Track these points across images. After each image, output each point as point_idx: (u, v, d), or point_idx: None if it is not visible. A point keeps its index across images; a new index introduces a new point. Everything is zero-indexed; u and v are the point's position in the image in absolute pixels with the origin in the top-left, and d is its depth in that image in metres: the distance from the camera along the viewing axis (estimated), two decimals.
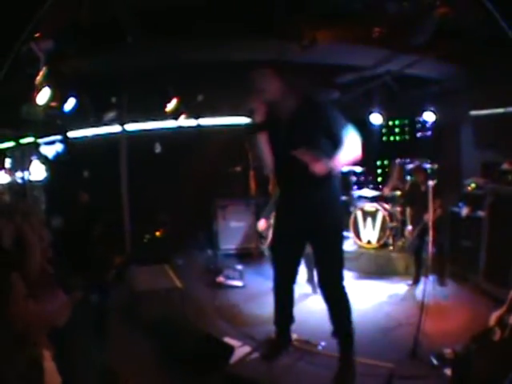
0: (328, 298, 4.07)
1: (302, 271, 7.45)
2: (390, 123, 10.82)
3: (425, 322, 4.95)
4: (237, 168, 8.95)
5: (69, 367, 3.53)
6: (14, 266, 3.66)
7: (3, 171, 9.54)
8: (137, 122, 9.36)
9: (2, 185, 9.51)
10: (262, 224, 7.30)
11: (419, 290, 6.40)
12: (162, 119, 9.07)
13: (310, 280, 7.02)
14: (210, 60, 7.23)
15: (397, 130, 10.94)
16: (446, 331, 5.22)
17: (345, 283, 4.02)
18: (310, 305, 6.52)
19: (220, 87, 7.87)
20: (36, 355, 2.97)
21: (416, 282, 6.95)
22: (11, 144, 9.57)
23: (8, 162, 9.65)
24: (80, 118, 8.01)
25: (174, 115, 8.21)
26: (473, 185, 6.97)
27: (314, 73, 7.98)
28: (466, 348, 4.25)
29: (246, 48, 6.93)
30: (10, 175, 9.71)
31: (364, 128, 10.19)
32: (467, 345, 4.27)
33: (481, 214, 6.55)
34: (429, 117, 8.80)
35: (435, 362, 4.40)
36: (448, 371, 4.14)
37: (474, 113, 7.84)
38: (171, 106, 7.91)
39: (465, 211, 6.94)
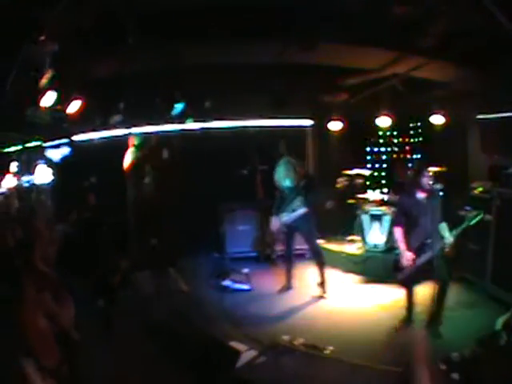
0: None
1: (310, 274, 7.47)
2: (397, 126, 10.71)
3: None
4: (243, 171, 8.88)
5: (76, 371, 3.53)
6: (22, 268, 3.65)
7: (10, 175, 9.54)
8: (143, 125, 9.34)
9: (9, 188, 9.52)
10: (275, 223, 7.22)
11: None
12: (168, 122, 9.06)
13: (322, 283, 6.99)
14: (214, 62, 7.24)
15: (404, 132, 10.86)
16: (453, 335, 5.18)
17: None
18: (317, 309, 6.52)
19: (225, 90, 7.88)
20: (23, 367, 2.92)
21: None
22: (18, 148, 9.58)
23: (15, 166, 9.66)
24: (85, 121, 8.01)
25: (180, 118, 8.20)
26: (480, 188, 6.92)
27: (321, 75, 7.98)
28: (473, 352, 4.23)
29: (247, 50, 6.93)
30: (17, 179, 9.72)
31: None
32: (474, 349, 4.25)
33: (488, 217, 6.50)
34: (436, 120, 8.76)
35: (442, 365, 4.36)
36: (455, 375, 4.10)
37: (481, 116, 7.80)
38: (177, 109, 7.89)
39: None
